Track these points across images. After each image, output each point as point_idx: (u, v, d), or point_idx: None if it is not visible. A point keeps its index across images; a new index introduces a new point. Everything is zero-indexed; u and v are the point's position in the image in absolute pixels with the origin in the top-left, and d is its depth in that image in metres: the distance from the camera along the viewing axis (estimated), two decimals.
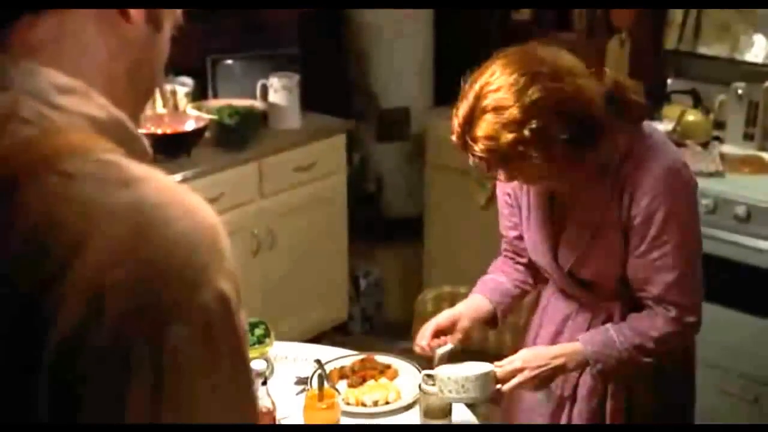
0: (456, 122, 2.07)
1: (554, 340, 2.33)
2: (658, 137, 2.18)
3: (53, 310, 0.81)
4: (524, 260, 2.42)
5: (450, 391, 2.19)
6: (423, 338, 2.34)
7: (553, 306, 2.37)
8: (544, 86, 1.99)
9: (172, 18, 1.02)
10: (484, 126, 2.00)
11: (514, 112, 1.97)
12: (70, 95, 0.91)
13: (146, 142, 0.98)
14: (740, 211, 3.46)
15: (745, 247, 3.45)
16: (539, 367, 2.18)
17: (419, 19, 4.78)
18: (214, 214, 0.90)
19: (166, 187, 0.88)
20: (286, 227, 4.13)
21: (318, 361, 2.51)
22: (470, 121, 2.03)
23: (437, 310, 2.94)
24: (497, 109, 1.99)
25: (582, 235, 2.19)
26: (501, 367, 2.19)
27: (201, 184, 3.75)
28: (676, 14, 4.25)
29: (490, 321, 2.41)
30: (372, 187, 4.90)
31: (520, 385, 2.19)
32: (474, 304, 2.40)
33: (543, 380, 2.20)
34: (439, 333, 2.35)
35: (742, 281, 3.46)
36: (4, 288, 0.82)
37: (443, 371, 2.21)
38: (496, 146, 2.00)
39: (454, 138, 2.10)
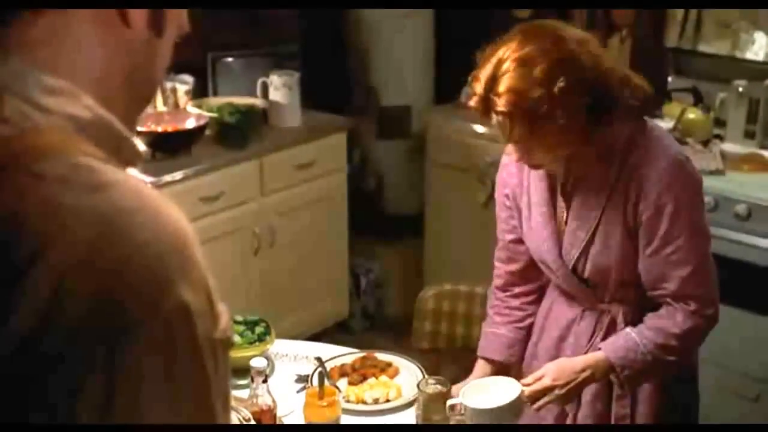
0: (478, 85, 2.04)
1: (558, 346, 2.32)
2: (660, 131, 2.19)
3: (11, 309, 0.81)
4: (518, 266, 2.39)
5: (484, 423, 2.12)
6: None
7: (556, 311, 2.35)
8: (570, 49, 2.00)
9: (176, 23, 1.01)
10: (512, 80, 1.98)
11: (543, 67, 1.97)
12: (56, 96, 0.90)
13: (135, 143, 0.97)
14: (741, 209, 3.46)
15: (746, 245, 3.45)
16: (568, 383, 2.16)
17: (420, 16, 4.78)
18: (183, 220, 0.89)
19: (136, 192, 0.87)
20: (287, 225, 4.13)
21: (319, 359, 2.52)
22: (495, 78, 2.00)
23: (438, 307, 2.95)
24: (526, 64, 1.98)
25: (584, 225, 2.17)
26: (528, 386, 2.16)
27: (201, 182, 3.76)
28: (677, 12, 4.25)
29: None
30: (372, 184, 4.90)
31: (550, 403, 2.18)
32: (480, 374, 2.41)
33: (572, 396, 2.19)
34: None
35: (742, 279, 3.45)
36: None
37: (471, 401, 2.14)
38: (523, 100, 1.97)
39: (473, 102, 2.06)
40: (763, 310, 3.47)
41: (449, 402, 2.20)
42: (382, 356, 2.59)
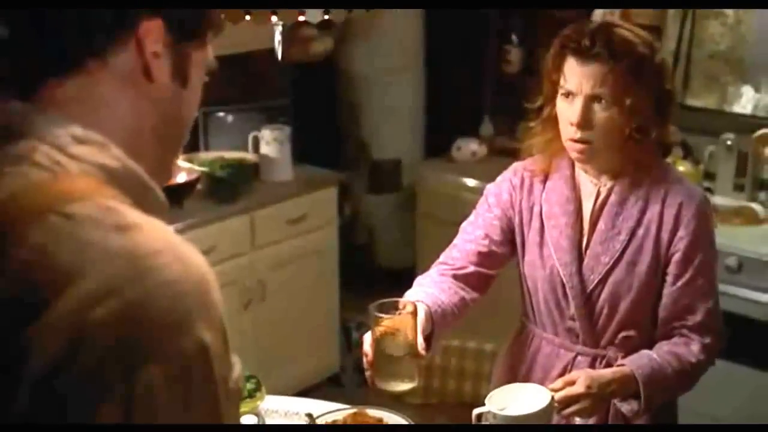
0: (589, 25, 2.16)
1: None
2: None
3: (32, 343, 0.83)
4: (471, 269, 2.32)
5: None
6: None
7: (544, 357, 2.30)
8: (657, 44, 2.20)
9: (201, 68, 1.04)
10: (629, 33, 2.11)
11: (650, 39, 2.14)
12: (86, 145, 0.94)
13: (160, 195, 1.02)
14: (731, 262, 3.47)
15: (737, 298, 3.44)
16: (599, 394, 2.08)
17: (410, 70, 4.82)
18: (205, 265, 0.92)
19: (161, 235, 0.91)
20: (278, 279, 4.12)
21: (309, 416, 2.50)
22: (611, 26, 2.14)
23: (429, 362, 2.93)
24: (637, 34, 2.13)
25: (609, 250, 2.17)
26: (557, 391, 2.07)
27: (193, 236, 3.75)
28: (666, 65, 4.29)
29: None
30: (364, 238, 4.90)
31: (577, 412, 2.09)
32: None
33: (598, 409, 2.13)
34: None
35: (734, 332, 3.44)
36: None
37: (500, 409, 2.05)
38: (634, 49, 2.08)
39: (573, 36, 2.11)
40: (755, 364, 3.46)
41: (475, 411, 2.10)
42: (373, 412, 2.57)
